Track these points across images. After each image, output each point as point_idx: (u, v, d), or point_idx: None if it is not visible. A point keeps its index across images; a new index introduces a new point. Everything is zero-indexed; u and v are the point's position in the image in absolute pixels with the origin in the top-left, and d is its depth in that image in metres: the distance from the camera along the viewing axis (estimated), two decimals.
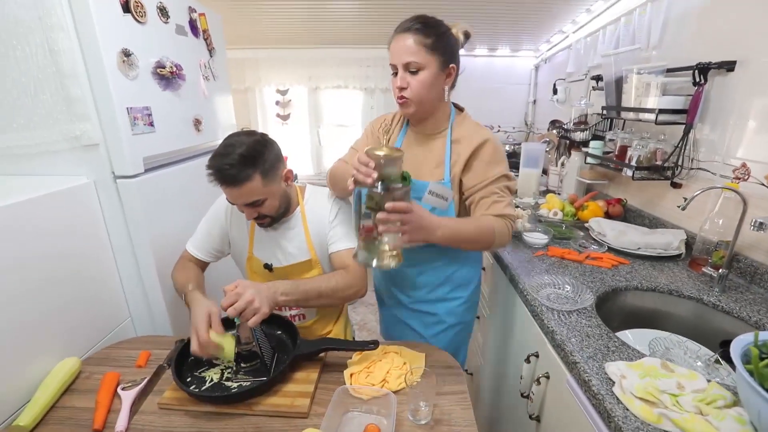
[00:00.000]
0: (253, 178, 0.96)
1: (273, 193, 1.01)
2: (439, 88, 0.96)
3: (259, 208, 1.01)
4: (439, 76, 0.94)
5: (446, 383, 0.90)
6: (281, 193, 1.05)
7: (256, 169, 0.96)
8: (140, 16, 1.16)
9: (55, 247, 1.00)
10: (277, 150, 1.04)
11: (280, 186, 1.04)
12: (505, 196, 0.99)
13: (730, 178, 1.14)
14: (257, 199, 0.98)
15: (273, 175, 1.01)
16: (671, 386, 0.67)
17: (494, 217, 0.95)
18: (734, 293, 1.03)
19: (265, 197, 1.00)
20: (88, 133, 1.09)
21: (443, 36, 0.92)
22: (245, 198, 0.98)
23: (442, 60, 0.93)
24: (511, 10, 2.08)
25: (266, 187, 0.98)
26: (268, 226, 1.09)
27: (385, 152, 0.76)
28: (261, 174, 0.97)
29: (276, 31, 2.45)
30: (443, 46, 0.92)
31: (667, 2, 1.40)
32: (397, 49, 0.92)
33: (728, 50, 1.15)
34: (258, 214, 1.02)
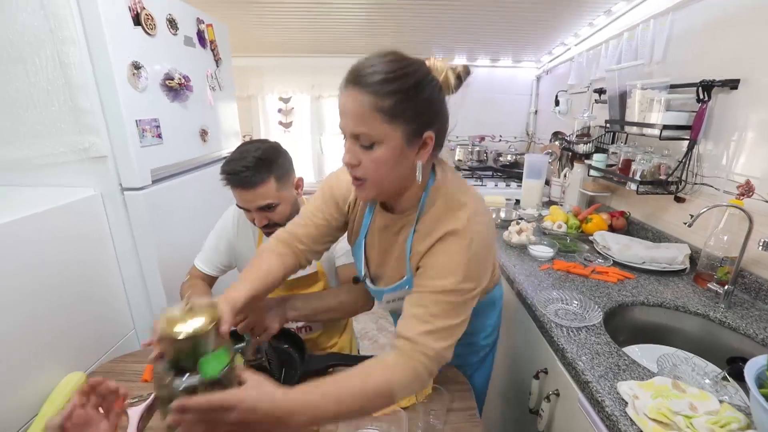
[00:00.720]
0: (267, 181, 0.96)
1: (285, 199, 1.02)
2: (408, 166, 0.66)
3: (270, 214, 1.00)
4: (407, 151, 0.64)
5: (455, 399, 0.90)
6: (293, 200, 1.05)
7: (271, 173, 0.97)
8: (150, 28, 1.17)
9: (61, 259, 1.00)
10: (289, 158, 1.06)
11: (292, 193, 1.05)
12: (438, 318, 0.65)
13: (734, 194, 1.15)
14: (270, 203, 0.98)
15: (286, 181, 1.02)
16: (684, 407, 0.67)
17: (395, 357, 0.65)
18: (740, 309, 1.04)
19: (278, 202, 1.00)
20: (96, 145, 1.09)
21: (414, 92, 0.61)
22: (259, 201, 0.97)
23: (411, 128, 0.62)
24: (513, 23, 2.10)
25: (279, 191, 0.99)
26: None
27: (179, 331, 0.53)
28: (275, 178, 0.98)
29: (279, 39, 2.46)
30: (413, 108, 0.61)
31: (670, 19, 1.42)
32: (344, 110, 0.63)
33: (732, 68, 1.17)
34: (268, 221, 1.02)
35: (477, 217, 0.69)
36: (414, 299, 0.69)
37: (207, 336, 0.55)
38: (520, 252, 1.44)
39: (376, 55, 0.63)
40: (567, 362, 0.86)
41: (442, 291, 0.66)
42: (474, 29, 2.19)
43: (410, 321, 0.67)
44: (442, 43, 2.47)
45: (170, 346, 0.54)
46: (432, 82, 0.64)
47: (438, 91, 0.65)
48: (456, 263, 0.66)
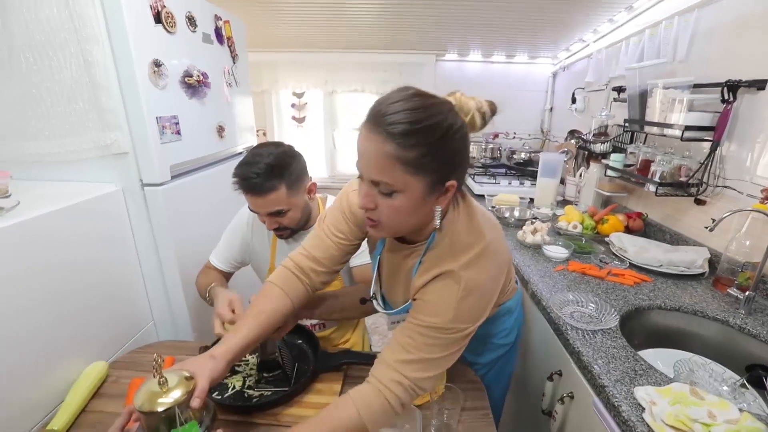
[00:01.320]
0: (278, 189, 0.97)
1: (296, 205, 1.03)
2: (426, 212, 0.64)
3: (280, 219, 1.02)
4: (427, 199, 0.62)
5: (468, 399, 0.90)
6: (304, 205, 1.06)
7: (282, 180, 0.97)
8: (170, 26, 1.18)
9: (83, 253, 1.03)
10: (303, 163, 1.06)
11: (304, 198, 1.06)
12: (421, 350, 0.66)
13: (757, 198, 1.13)
14: (280, 209, 1.00)
15: (297, 187, 1.02)
16: (702, 415, 0.67)
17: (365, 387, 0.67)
18: (761, 316, 1.02)
19: (288, 208, 1.01)
20: (118, 141, 1.11)
21: (440, 144, 0.58)
22: (269, 207, 0.99)
23: (434, 179, 0.60)
24: (531, 18, 2.07)
25: (290, 198, 1.00)
26: (288, 237, 1.10)
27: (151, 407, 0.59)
28: (286, 185, 0.98)
29: (294, 34, 2.47)
30: (438, 160, 0.59)
31: (695, 16, 1.39)
32: (364, 153, 0.60)
33: (759, 68, 1.13)
34: (279, 225, 1.03)
35: (480, 260, 0.67)
36: (403, 327, 0.69)
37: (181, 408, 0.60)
38: (534, 252, 1.44)
39: (399, 96, 0.59)
40: (582, 365, 0.86)
41: (429, 327, 0.66)
42: (490, 25, 2.16)
43: (394, 347, 0.68)
44: (457, 38, 2.44)
45: (145, 418, 0.60)
46: (459, 130, 0.60)
47: (463, 138, 0.62)
48: (446, 305, 0.66)
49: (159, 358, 0.60)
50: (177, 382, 0.62)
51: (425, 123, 0.57)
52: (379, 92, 2.78)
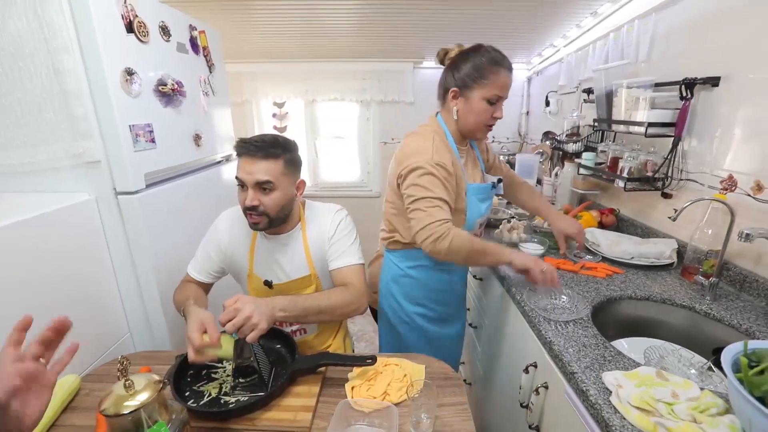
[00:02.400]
0: (277, 159, 1.01)
1: (284, 188, 1.03)
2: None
3: (264, 197, 1.00)
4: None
5: (446, 395, 0.91)
6: (290, 196, 1.06)
7: (282, 154, 1.02)
8: (143, 35, 1.19)
9: (55, 263, 1.01)
10: (301, 160, 1.11)
11: (292, 189, 1.06)
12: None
13: (718, 189, 1.18)
14: (269, 181, 0.99)
15: (292, 172, 1.05)
16: (666, 395, 0.69)
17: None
18: (725, 301, 1.06)
19: (277, 185, 1.01)
20: (90, 150, 1.11)
21: None
22: (260, 175, 0.99)
23: None
24: (504, 26, 2.14)
25: (283, 176, 1.02)
26: (263, 228, 1.06)
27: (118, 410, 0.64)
28: (285, 161, 1.02)
29: (272, 45, 2.49)
30: None
31: (653, 19, 1.45)
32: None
33: (713, 66, 1.20)
34: (259, 203, 1.00)
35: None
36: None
37: (148, 410, 0.62)
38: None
39: None
40: (554, 355, 0.88)
41: None
42: (465, 32, 2.22)
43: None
44: (433, 46, 2.50)
45: (110, 422, 0.62)
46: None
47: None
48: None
49: (125, 360, 0.60)
50: (144, 385, 0.62)
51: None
52: (359, 100, 2.82)
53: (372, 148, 2.96)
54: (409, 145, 1.13)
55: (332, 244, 1.12)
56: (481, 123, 1.11)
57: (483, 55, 1.07)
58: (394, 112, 2.86)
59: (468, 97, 1.09)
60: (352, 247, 1.12)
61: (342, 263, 1.10)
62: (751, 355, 0.62)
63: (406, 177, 1.08)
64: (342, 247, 1.11)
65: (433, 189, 1.04)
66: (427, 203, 1.03)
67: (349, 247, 1.12)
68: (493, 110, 1.09)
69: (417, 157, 1.06)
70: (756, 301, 1.05)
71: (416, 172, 1.06)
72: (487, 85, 1.06)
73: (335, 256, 1.11)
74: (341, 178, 3.09)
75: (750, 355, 0.61)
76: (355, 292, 1.07)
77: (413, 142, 1.13)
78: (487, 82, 1.06)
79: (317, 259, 1.13)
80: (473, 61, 1.07)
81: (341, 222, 1.14)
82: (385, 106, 2.85)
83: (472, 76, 1.07)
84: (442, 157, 1.07)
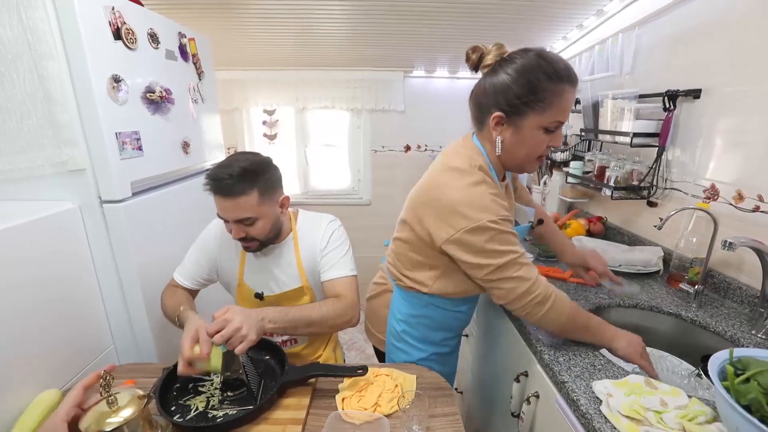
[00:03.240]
0: (249, 193, 0.95)
1: (266, 215, 1.01)
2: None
3: (248, 229, 1.00)
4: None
5: (438, 405, 0.90)
6: (274, 217, 1.04)
7: (254, 186, 0.96)
8: (131, 42, 1.17)
9: (37, 274, 0.98)
10: (278, 175, 1.06)
11: (275, 210, 1.04)
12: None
13: (701, 198, 1.21)
14: (249, 217, 0.97)
15: (270, 196, 1.01)
16: (655, 403, 0.69)
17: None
18: (710, 308, 1.07)
19: (258, 217, 0.99)
20: (75, 158, 1.08)
21: None
22: (237, 213, 0.96)
23: None
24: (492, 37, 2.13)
25: (261, 206, 0.98)
26: (256, 250, 1.08)
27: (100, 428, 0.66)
28: (259, 191, 0.97)
29: (263, 53, 2.49)
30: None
31: (636, 33, 1.50)
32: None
33: (694, 79, 1.23)
34: (246, 234, 1.01)
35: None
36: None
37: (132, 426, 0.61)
38: None
39: None
40: (545, 364, 0.88)
41: None
42: (455, 43, 2.25)
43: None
44: (423, 55, 2.53)
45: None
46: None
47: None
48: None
49: (108, 375, 0.58)
50: (128, 401, 0.60)
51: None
52: (349, 108, 2.83)
53: (363, 156, 2.96)
54: (452, 192, 0.84)
55: (324, 255, 1.10)
56: (534, 156, 0.85)
57: (540, 66, 0.77)
58: (385, 120, 2.87)
59: (518, 126, 0.81)
60: (344, 259, 1.11)
61: (334, 275, 1.09)
62: (737, 363, 0.63)
63: (463, 240, 0.83)
64: (334, 258, 1.10)
65: (512, 246, 0.83)
66: (512, 258, 0.83)
67: (341, 259, 1.10)
68: (551, 138, 0.82)
69: (472, 211, 0.81)
70: (740, 308, 1.07)
71: (483, 235, 0.81)
72: (546, 110, 0.78)
73: (327, 267, 1.10)
74: (332, 186, 3.08)
75: (736, 363, 0.62)
76: (347, 304, 1.05)
77: (456, 188, 0.84)
78: (546, 106, 0.78)
79: (309, 270, 1.12)
80: (527, 75, 0.78)
81: (334, 233, 1.13)
82: (375, 115, 2.86)
83: (524, 97, 0.78)
84: (501, 204, 0.84)
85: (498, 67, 0.83)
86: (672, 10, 1.33)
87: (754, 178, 1.05)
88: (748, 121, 1.07)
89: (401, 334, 1.08)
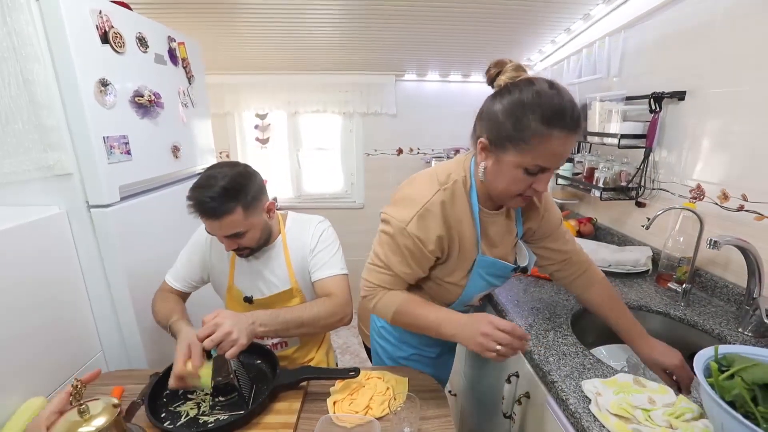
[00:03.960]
0: (234, 211, 0.95)
1: (254, 226, 1.01)
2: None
3: (239, 240, 1.01)
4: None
5: (429, 407, 0.90)
6: (263, 225, 1.05)
7: (237, 202, 0.96)
8: (119, 46, 1.17)
9: (23, 280, 0.97)
10: (259, 182, 1.05)
11: (262, 218, 1.04)
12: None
13: (687, 198, 1.22)
14: (238, 232, 0.98)
15: (255, 208, 1.01)
16: (643, 401, 0.70)
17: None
18: (698, 306, 1.09)
19: (246, 229, 0.99)
20: (61, 162, 1.07)
21: None
22: (225, 230, 0.97)
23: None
24: (482, 41, 2.19)
25: (247, 219, 0.99)
26: (248, 256, 1.08)
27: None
28: (243, 207, 0.97)
29: (255, 57, 2.48)
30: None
31: (623, 36, 1.52)
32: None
33: (679, 81, 1.25)
34: (238, 245, 1.02)
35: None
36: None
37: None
38: None
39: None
40: (535, 364, 0.88)
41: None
42: (446, 47, 2.27)
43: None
44: (414, 59, 2.54)
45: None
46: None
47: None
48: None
49: (79, 384, 0.57)
50: (101, 410, 0.59)
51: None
52: (342, 112, 2.83)
53: (355, 159, 2.97)
54: (410, 185, 0.89)
55: (314, 255, 1.10)
56: (513, 193, 0.79)
57: (534, 105, 0.70)
58: (377, 123, 2.88)
59: (499, 158, 0.77)
60: (334, 258, 1.11)
61: (325, 274, 1.09)
62: (722, 359, 0.63)
63: (381, 221, 0.89)
64: (324, 257, 1.10)
65: (389, 254, 0.86)
66: (375, 260, 0.89)
67: (331, 258, 1.10)
68: (533, 181, 0.76)
69: (399, 209, 0.84)
70: (726, 306, 1.08)
71: (384, 226, 0.87)
72: (527, 151, 0.72)
73: (317, 267, 1.10)
74: (325, 190, 3.08)
75: (720, 360, 0.63)
76: (338, 302, 1.05)
77: (416, 184, 0.88)
78: (528, 148, 0.72)
79: (299, 271, 1.12)
80: (517, 111, 0.72)
81: (323, 233, 1.13)
82: (368, 118, 2.86)
83: (507, 132, 0.73)
84: (423, 230, 0.83)
85: (505, 90, 0.75)
86: (657, 14, 1.35)
87: (738, 178, 1.06)
88: (731, 122, 1.09)
89: (380, 330, 1.12)
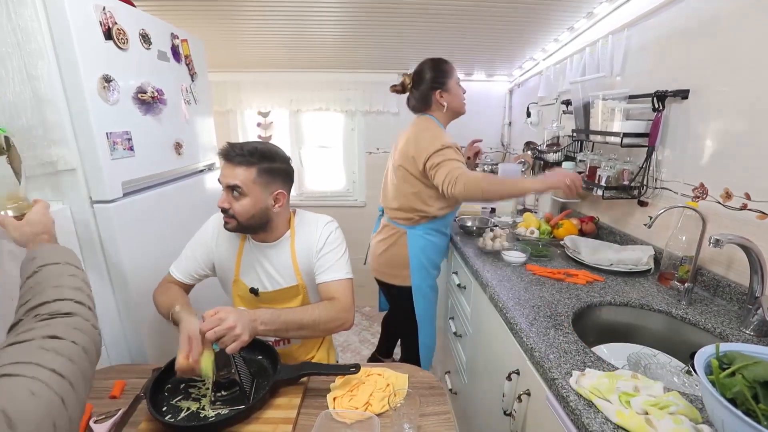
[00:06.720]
0: (249, 168, 1.00)
1: (255, 195, 1.02)
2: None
3: (234, 200, 1.02)
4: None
5: (429, 404, 0.90)
6: (262, 205, 1.04)
7: (259, 162, 1.02)
8: (122, 43, 1.17)
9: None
10: (285, 170, 1.09)
11: (266, 199, 1.04)
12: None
13: (690, 197, 1.22)
14: (238, 186, 1.00)
15: (266, 181, 1.03)
16: (628, 388, 0.70)
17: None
18: (700, 305, 1.08)
19: (247, 192, 1.01)
20: (65, 158, 1.08)
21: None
22: (231, 179, 1.01)
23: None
24: (485, 39, 2.19)
25: (254, 184, 1.01)
26: (232, 230, 1.07)
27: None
28: (258, 170, 1.01)
29: (257, 55, 2.49)
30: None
31: (626, 35, 1.51)
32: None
33: (682, 80, 1.25)
34: (230, 206, 1.02)
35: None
36: None
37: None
38: (494, 258, 1.48)
39: None
40: (536, 361, 0.88)
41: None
42: (448, 45, 2.26)
43: None
44: (417, 57, 2.53)
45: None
46: None
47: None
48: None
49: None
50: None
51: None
52: (344, 110, 2.83)
53: (357, 157, 2.97)
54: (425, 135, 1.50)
55: (320, 257, 1.10)
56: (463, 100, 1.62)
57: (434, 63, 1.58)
58: (379, 122, 2.88)
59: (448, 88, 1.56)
60: (340, 262, 1.11)
61: (330, 277, 1.09)
62: (723, 357, 0.63)
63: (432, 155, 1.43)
64: (330, 260, 1.10)
65: (452, 155, 1.42)
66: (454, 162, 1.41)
67: (337, 262, 1.10)
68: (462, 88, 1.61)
69: (436, 141, 1.44)
70: (728, 305, 1.08)
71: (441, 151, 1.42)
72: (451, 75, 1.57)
73: (323, 270, 1.10)
74: (326, 188, 3.08)
75: (722, 358, 0.63)
76: (340, 308, 1.05)
77: (428, 131, 1.51)
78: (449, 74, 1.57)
79: (305, 270, 1.12)
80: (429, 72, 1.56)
81: (331, 234, 1.13)
82: (370, 117, 2.87)
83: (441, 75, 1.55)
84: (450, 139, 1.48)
85: (417, 78, 1.59)
86: (661, 12, 1.35)
87: (741, 176, 1.06)
88: (735, 121, 1.08)
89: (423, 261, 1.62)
